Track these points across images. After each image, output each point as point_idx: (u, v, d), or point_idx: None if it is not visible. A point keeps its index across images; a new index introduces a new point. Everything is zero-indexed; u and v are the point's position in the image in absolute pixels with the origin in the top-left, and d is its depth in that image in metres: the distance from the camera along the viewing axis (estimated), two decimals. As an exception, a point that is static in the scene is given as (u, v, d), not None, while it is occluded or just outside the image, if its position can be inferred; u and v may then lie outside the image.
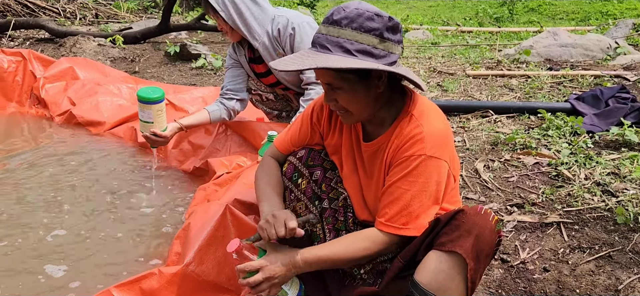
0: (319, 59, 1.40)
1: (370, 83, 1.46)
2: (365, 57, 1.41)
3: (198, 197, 2.52)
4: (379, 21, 1.42)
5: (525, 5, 13.20)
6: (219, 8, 2.50)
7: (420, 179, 1.47)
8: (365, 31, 1.41)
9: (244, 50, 2.76)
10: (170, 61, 5.73)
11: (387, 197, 1.52)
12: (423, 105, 1.55)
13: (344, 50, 1.41)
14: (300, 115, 1.84)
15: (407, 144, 1.49)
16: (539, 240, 2.22)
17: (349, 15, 1.41)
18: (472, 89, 4.41)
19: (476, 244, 1.36)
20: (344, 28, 1.41)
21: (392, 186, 1.51)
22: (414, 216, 1.48)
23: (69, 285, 2.02)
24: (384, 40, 1.42)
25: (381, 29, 1.42)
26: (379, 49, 1.42)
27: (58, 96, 4.07)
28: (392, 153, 1.53)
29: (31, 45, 6.23)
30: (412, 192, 1.48)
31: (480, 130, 3.44)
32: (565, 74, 4.62)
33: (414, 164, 1.47)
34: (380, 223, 1.52)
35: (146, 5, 9.72)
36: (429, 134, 1.48)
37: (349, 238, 1.56)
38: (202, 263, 1.90)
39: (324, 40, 1.44)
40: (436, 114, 1.55)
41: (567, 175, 2.70)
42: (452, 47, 6.64)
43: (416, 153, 1.47)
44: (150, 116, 2.52)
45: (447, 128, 1.55)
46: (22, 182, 2.89)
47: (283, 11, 2.63)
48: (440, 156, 1.48)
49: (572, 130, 3.27)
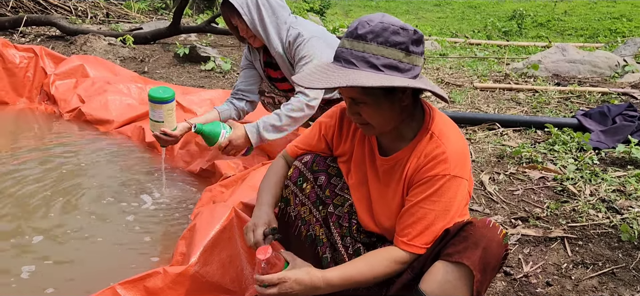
0: (347, 76, 1.37)
1: (394, 97, 1.45)
2: (392, 71, 1.39)
3: (204, 198, 2.53)
4: (405, 35, 1.40)
5: (534, 20, 13.21)
6: (243, 12, 2.54)
7: (443, 199, 1.48)
8: (391, 45, 1.39)
9: (259, 54, 2.79)
10: (180, 62, 5.77)
11: (409, 216, 1.52)
12: (441, 121, 1.56)
13: (370, 65, 1.39)
14: (314, 122, 1.86)
15: (430, 164, 1.49)
16: (542, 254, 2.22)
17: (374, 29, 1.39)
18: (480, 101, 4.42)
19: (483, 256, 1.37)
20: (369, 42, 1.39)
21: (414, 205, 1.51)
22: (438, 235, 1.49)
23: (72, 282, 2.04)
24: (409, 53, 1.40)
25: (407, 42, 1.40)
26: (405, 63, 1.40)
27: (68, 93, 4.10)
28: (413, 172, 1.53)
29: (42, 42, 6.28)
30: (435, 212, 1.48)
31: (486, 142, 3.45)
32: (572, 89, 4.63)
33: (438, 184, 1.48)
34: (403, 242, 1.52)
35: (157, 7, 9.78)
36: (451, 154, 1.48)
37: (369, 258, 1.55)
38: (206, 264, 1.91)
39: (348, 54, 1.41)
40: (455, 132, 1.55)
41: (573, 191, 2.70)
42: (460, 59, 6.65)
43: (440, 173, 1.47)
44: (161, 115, 2.54)
45: (466, 145, 1.55)
46: (28, 177, 2.91)
47: (300, 22, 2.65)
48: (463, 175, 1.50)
49: (579, 146, 3.27)
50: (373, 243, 1.75)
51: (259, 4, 2.56)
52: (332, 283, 1.49)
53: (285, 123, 2.51)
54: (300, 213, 1.80)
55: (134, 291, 1.78)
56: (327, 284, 1.49)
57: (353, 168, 1.72)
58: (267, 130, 2.51)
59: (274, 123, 2.51)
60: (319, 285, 1.49)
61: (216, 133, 2.50)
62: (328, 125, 1.77)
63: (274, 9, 2.59)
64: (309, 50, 2.53)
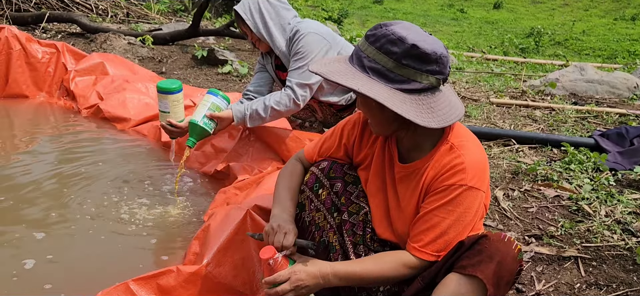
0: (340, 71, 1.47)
1: (382, 106, 1.43)
2: (377, 76, 1.43)
3: (218, 199, 2.55)
4: (400, 46, 1.41)
5: (552, 38, 13.15)
6: (246, 17, 2.62)
7: (459, 209, 1.48)
8: (384, 52, 1.43)
9: (271, 58, 2.84)
10: (197, 65, 5.81)
11: (423, 223, 1.53)
12: (461, 133, 1.56)
13: (361, 65, 1.45)
14: (332, 127, 1.87)
15: (448, 173, 1.50)
16: (555, 273, 2.20)
17: (377, 33, 1.45)
18: (495, 117, 4.40)
19: (497, 271, 1.36)
20: (369, 45, 1.45)
21: (429, 213, 1.51)
22: (450, 244, 1.49)
23: (86, 277, 2.06)
24: (401, 66, 1.42)
25: (399, 54, 1.41)
26: (395, 73, 1.42)
27: (87, 90, 4.16)
28: (430, 180, 1.54)
29: (63, 38, 6.38)
30: (449, 220, 1.49)
31: (501, 158, 3.43)
32: (590, 109, 4.59)
33: (455, 194, 1.48)
34: (414, 248, 1.53)
35: (176, 9, 9.88)
36: (470, 165, 1.49)
37: (379, 258, 1.57)
38: (219, 265, 1.92)
39: (355, 51, 1.50)
40: (475, 143, 1.56)
41: (588, 211, 2.68)
42: (476, 74, 6.64)
43: (457, 183, 1.48)
44: (167, 106, 2.58)
45: (485, 157, 1.56)
46: (45, 171, 2.95)
47: (304, 22, 2.70)
48: (480, 187, 1.50)
49: (595, 166, 3.25)
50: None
51: (261, 8, 2.63)
52: (340, 275, 1.52)
53: (269, 114, 2.61)
54: (314, 219, 1.81)
55: (146, 288, 1.80)
56: (335, 276, 1.52)
57: (372, 176, 1.73)
58: (252, 118, 2.61)
59: (259, 112, 2.60)
60: (328, 278, 1.52)
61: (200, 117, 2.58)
62: (350, 132, 1.78)
63: (277, 11, 2.66)
64: (304, 45, 2.58)
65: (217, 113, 2.56)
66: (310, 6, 15.30)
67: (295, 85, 2.57)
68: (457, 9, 17.65)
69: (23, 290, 1.96)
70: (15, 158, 3.15)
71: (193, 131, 2.56)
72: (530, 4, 18.64)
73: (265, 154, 2.82)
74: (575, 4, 18.11)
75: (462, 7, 17.86)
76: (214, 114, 2.55)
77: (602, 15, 16.56)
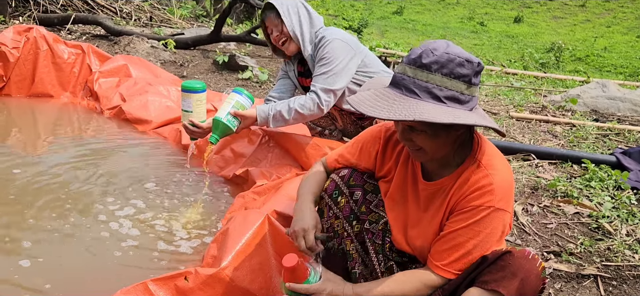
0: (413, 108, 1.35)
1: (452, 128, 1.44)
2: (453, 103, 1.38)
3: (236, 203, 2.57)
4: (469, 67, 1.38)
5: (573, 54, 13.02)
6: (283, 12, 2.64)
7: (485, 230, 1.47)
8: (455, 77, 1.37)
9: (293, 65, 2.86)
10: (218, 70, 5.87)
11: (447, 242, 1.51)
12: (490, 151, 1.54)
13: (433, 96, 1.37)
14: (354, 138, 1.87)
15: (475, 193, 1.47)
16: (574, 290, 2.18)
17: (439, 60, 1.37)
18: (515, 131, 4.37)
19: (520, 287, 1.35)
20: (434, 73, 1.37)
21: (454, 233, 1.50)
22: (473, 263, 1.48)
23: (105, 276, 2.09)
24: (470, 85, 1.39)
25: (470, 75, 1.38)
26: (466, 95, 1.39)
27: (110, 91, 4.23)
28: (457, 199, 1.51)
29: (87, 40, 6.49)
30: (475, 241, 1.47)
31: (520, 172, 3.41)
32: (611, 126, 4.54)
33: (482, 215, 1.46)
34: (438, 267, 1.52)
35: (198, 14, 10.00)
36: (498, 186, 1.46)
37: (400, 278, 1.56)
38: (237, 269, 1.93)
39: (410, 83, 1.39)
40: (503, 163, 1.53)
41: (608, 229, 2.65)
42: (496, 87, 6.60)
43: (485, 204, 1.46)
44: (190, 105, 2.61)
45: (512, 177, 1.53)
46: (65, 170, 3.00)
47: (330, 29, 2.73)
48: (506, 208, 1.48)
49: (616, 184, 3.20)
50: (404, 263, 1.75)
51: (298, 9, 2.69)
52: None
53: (292, 116, 2.61)
54: (333, 226, 1.82)
55: (165, 289, 1.82)
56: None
57: (393, 189, 1.71)
58: (275, 119, 2.62)
59: (283, 113, 2.61)
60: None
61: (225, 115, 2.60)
62: (372, 147, 1.76)
63: (310, 16, 2.71)
64: (330, 51, 2.61)
65: (241, 111, 2.59)
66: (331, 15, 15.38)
67: (320, 90, 2.59)
68: (477, 22, 17.58)
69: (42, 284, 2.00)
70: (37, 156, 3.22)
71: (216, 128, 2.59)
72: (551, 19, 18.50)
73: (284, 160, 2.83)
74: (597, 20, 17.93)
75: (482, 20, 17.79)
76: (238, 112, 2.58)
77: (624, 32, 16.36)
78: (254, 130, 3.03)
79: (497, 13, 19.22)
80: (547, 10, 19.27)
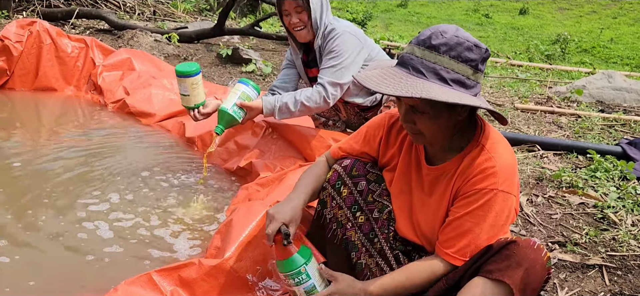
0: (421, 87, 1.35)
1: (453, 111, 1.44)
2: (459, 87, 1.38)
3: (240, 195, 2.57)
4: (477, 52, 1.39)
5: (578, 45, 12.92)
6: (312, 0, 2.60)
7: (490, 213, 1.46)
8: (462, 61, 1.37)
9: (300, 53, 2.85)
10: (221, 63, 5.87)
11: (454, 228, 1.51)
12: (493, 135, 1.53)
13: (440, 77, 1.37)
14: (358, 129, 1.87)
15: (478, 176, 1.47)
16: (579, 280, 2.17)
17: (449, 42, 1.37)
18: (520, 122, 4.35)
19: (525, 277, 1.35)
20: (442, 55, 1.37)
21: (460, 218, 1.50)
22: (480, 249, 1.48)
23: (109, 267, 2.09)
24: (477, 71, 1.40)
25: (477, 60, 1.39)
26: (471, 80, 1.39)
27: (114, 84, 4.23)
28: (460, 183, 1.51)
29: (91, 34, 6.49)
30: (481, 225, 1.47)
31: (525, 163, 3.39)
32: (617, 117, 4.51)
33: (486, 198, 1.46)
34: (447, 254, 1.52)
35: (201, 8, 9.99)
36: (501, 168, 1.46)
37: (410, 269, 1.57)
38: (240, 260, 1.93)
39: (418, 63, 1.40)
40: (506, 147, 1.53)
41: (613, 219, 2.63)
42: (501, 79, 6.57)
43: (488, 187, 1.46)
44: (186, 89, 2.60)
45: (515, 161, 1.53)
46: (69, 163, 3.01)
47: (339, 21, 2.72)
48: (511, 191, 1.48)
49: (622, 175, 3.18)
50: (409, 252, 1.75)
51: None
52: (373, 294, 1.53)
53: (298, 109, 2.61)
54: (336, 216, 1.81)
55: (168, 280, 1.82)
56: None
57: (397, 177, 1.71)
58: (281, 111, 2.61)
59: (289, 105, 2.60)
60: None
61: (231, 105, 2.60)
62: (376, 134, 1.77)
63: (328, 8, 2.70)
64: (339, 44, 2.60)
65: (247, 102, 2.58)
66: (335, 8, 15.32)
67: (327, 83, 2.58)
68: (482, 14, 17.45)
69: (49, 277, 2.00)
70: (42, 150, 3.22)
71: (222, 118, 2.58)
72: (557, 10, 18.36)
73: (287, 152, 2.83)
74: (604, 12, 17.78)
75: (487, 12, 17.67)
76: (244, 103, 2.57)
77: (631, 23, 16.22)
78: (258, 121, 3.03)
79: (502, 5, 19.09)
80: (553, 2, 19.12)
